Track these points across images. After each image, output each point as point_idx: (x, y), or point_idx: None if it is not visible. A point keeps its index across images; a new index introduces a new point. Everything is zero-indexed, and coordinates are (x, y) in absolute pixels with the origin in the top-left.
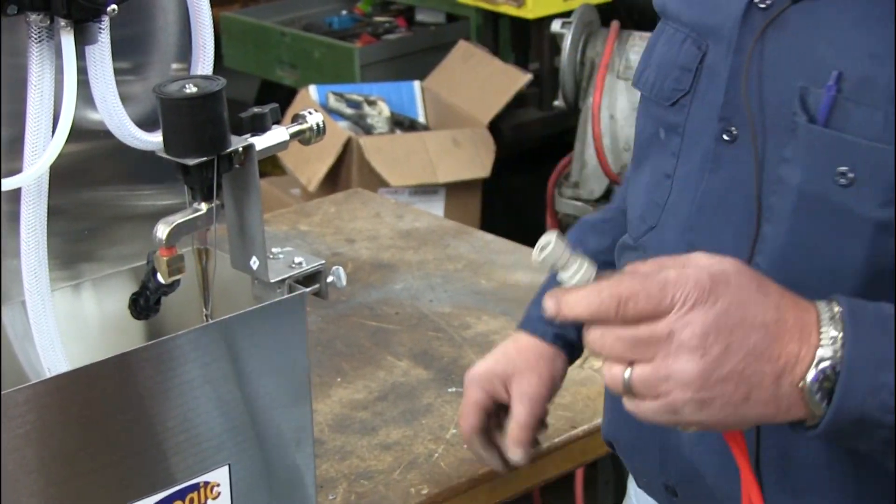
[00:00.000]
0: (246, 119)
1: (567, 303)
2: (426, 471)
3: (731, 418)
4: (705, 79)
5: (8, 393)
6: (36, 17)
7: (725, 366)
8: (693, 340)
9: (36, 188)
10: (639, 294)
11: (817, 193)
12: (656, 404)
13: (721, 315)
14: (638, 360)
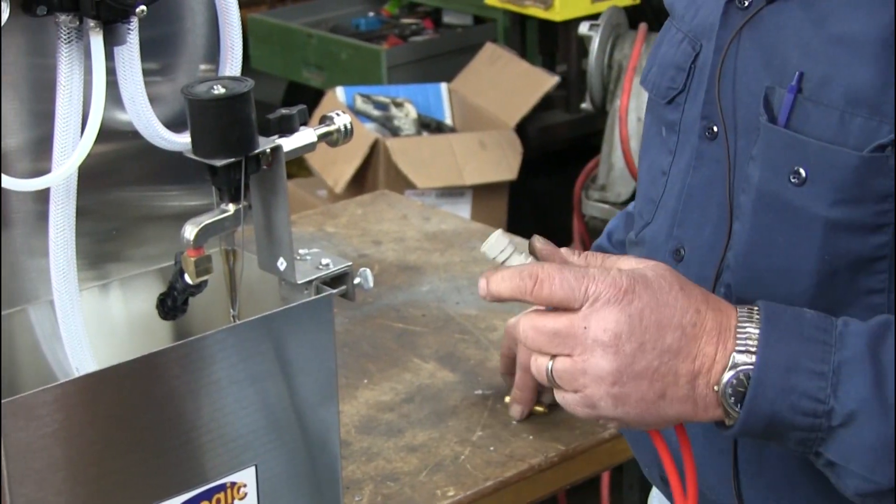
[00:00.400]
0: (274, 120)
1: (494, 280)
2: (452, 473)
3: (649, 415)
4: (696, 78)
5: (36, 392)
6: (65, 18)
7: (639, 363)
8: (606, 336)
9: (64, 188)
10: (555, 279)
11: (773, 192)
12: (577, 397)
13: (635, 314)
14: (558, 354)
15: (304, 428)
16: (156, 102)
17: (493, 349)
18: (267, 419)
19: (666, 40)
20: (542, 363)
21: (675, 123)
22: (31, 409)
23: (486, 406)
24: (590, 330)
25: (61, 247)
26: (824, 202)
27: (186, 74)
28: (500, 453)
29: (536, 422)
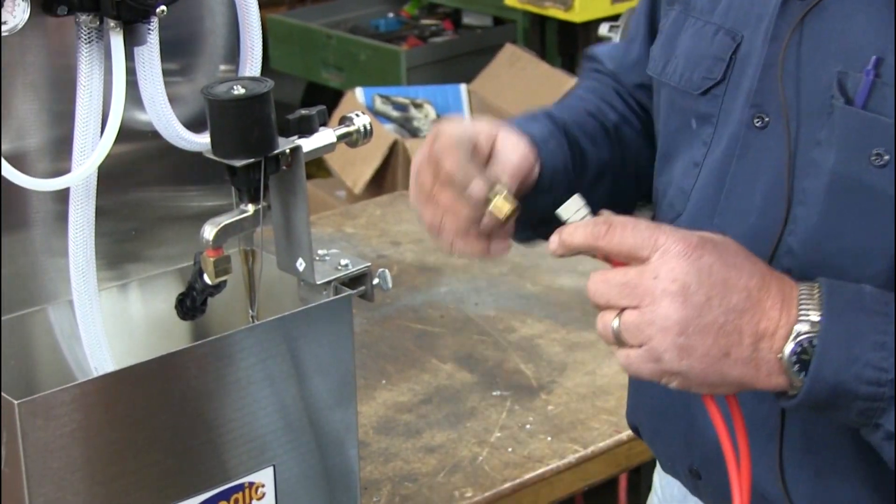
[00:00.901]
0: (293, 121)
1: (566, 231)
2: (470, 474)
3: (712, 373)
4: (738, 68)
5: (55, 392)
6: (86, 18)
7: (706, 316)
8: (674, 286)
9: (84, 188)
10: (627, 226)
11: (851, 174)
12: (641, 352)
13: (704, 269)
14: (626, 307)
15: (322, 428)
16: (175, 103)
17: (511, 350)
18: (285, 419)
19: (688, 34)
20: (608, 319)
21: (710, 115)
22: (50, 408)
23: (504, 407)
24: (659, 280)
25: (81, 247)
26: None
27: (206, 75)
28: (517, 455)
29: (554, 423)
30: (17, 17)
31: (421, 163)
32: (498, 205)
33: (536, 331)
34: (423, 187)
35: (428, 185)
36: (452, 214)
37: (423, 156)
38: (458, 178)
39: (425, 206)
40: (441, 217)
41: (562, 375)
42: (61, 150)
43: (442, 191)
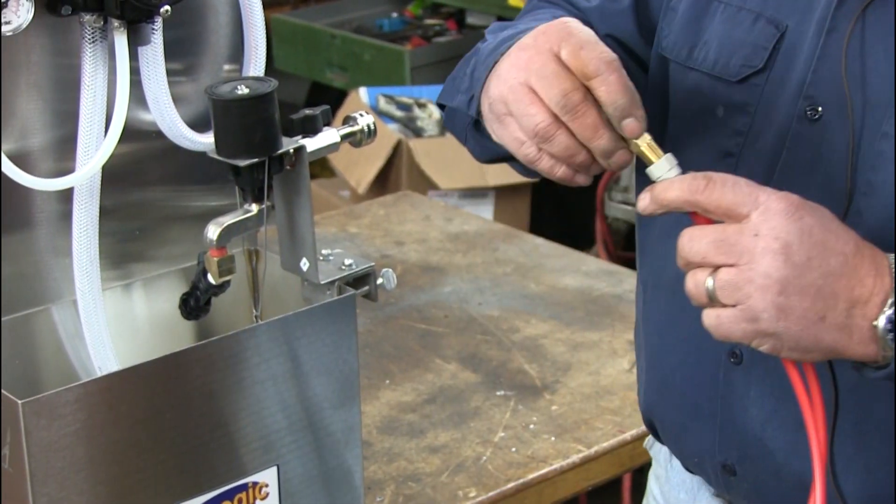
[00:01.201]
0: (297, 121)
1: (660, 186)
2: (474, 474)
3: (806, 336)
4: (783, 58)
5: (59, 391)
6: (90, 18)
7: (805, 277)
8: (777, 244)
9: (88, 188)
10: (727, 180)
11: None
12: (736, 311)
13: (805, 229)
14: (723, 264)
15: (325, 428)
16: (179, 102)
17: (515, 350)
18: (289, 419)
19: (721, 19)
20: (701, 277)
21: (747, 104)
22: (54, 408)
23: (507, 407)
24: (760, 237)
25: (84, 246)
26: None
27: (210, 75)
28: (521, 454)
29: (558, 423)
30: (21, 17)
31: (560, 73)
32: (645, 151)
33: (540, 331)
34: (570, 100)
35: (576, 100)
36: (592, 141)
37: (564, 66)
38: (618, 107)
39: (567, 119)
40: (575, 144)
41: (566, 375)
42: (65, 150)
43: (586, 111)
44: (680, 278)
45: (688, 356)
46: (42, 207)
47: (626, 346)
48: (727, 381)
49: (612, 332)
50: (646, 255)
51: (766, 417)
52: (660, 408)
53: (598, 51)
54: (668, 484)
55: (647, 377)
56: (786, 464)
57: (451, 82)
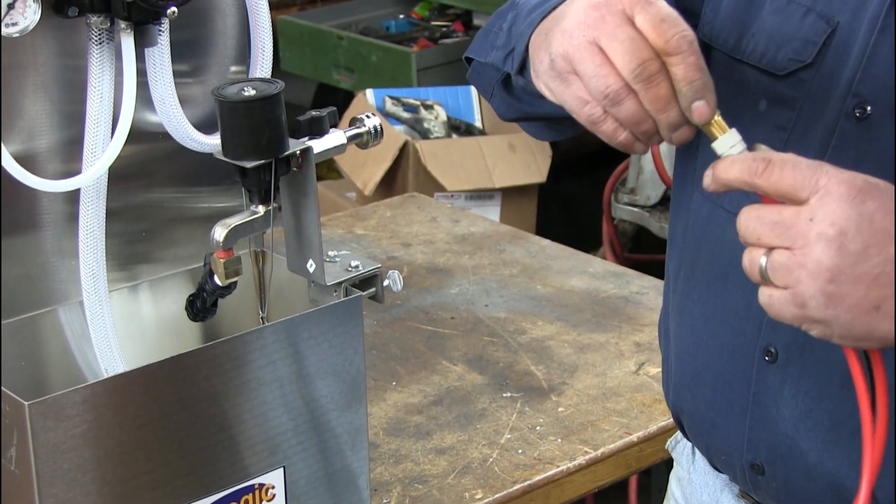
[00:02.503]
0: (304, 122)
1: (722, 165)
2: (480, 476)
3: (858, 325)
4: (833, 54)
5: (65, 393)
6: (96, 20)
7: (861, 266)
8: (832, 231)
9: (94, 190)
10: (787, 163)
11: None
12: (786, 294)
13: (866, 215)
14: (777, 246)
15: (332, 430)
16: (186, 104)
17: (521, 352)
18: (295, 421)
19: (771, 10)
20: (756, 256)
21: (792, 98)
22: (61, 409)
23: (514, 409)
24: (815, 223)
25: (91, 248)
26: None
27: (217, 76)
28: (528, 456)
29: (565, 425)
30: (27, 19)
31: (637, 39)
32: (711, 127)
33: (547, 332)
34: (647, 70)
35: (653, 69)
36: (661, 113)
37: (640, 33)
38: (694, 87)
39: (643, 90)
40: (643, 112)
41: (572, 377)
42: (72, 152)
43: (660, 83)
44: (716, 270)
45: (722, 351)
46: (48, 209)
47: (633, 348)
48: (760, 379)
49: (618, 334)
50: (676, 245)
51: (800, 417)
52: (689, 402)
53: (681, 27)
54: (690, 486)
55: (676, 370)
56: (818, 464)
57: (484, 36)
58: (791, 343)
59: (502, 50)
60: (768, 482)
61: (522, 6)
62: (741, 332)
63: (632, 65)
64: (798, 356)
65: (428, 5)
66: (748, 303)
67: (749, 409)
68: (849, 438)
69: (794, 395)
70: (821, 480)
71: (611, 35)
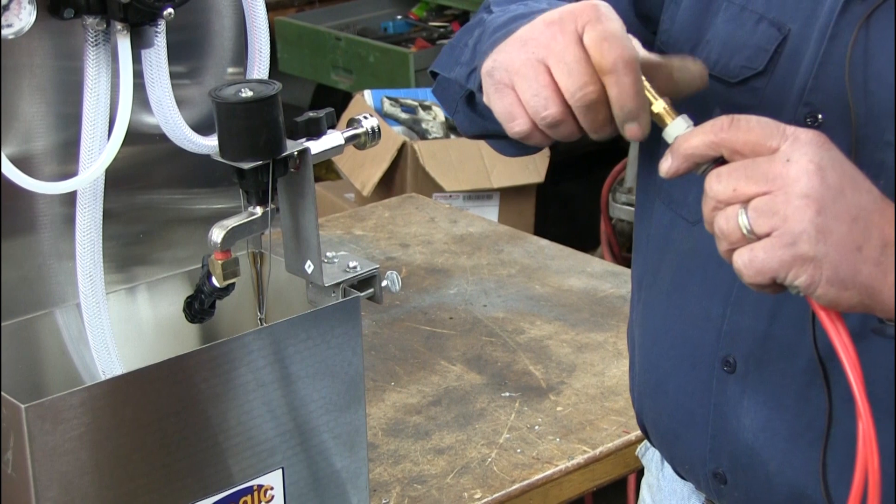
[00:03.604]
0: (301, 123)
1: (681, 139)
2: (479, 476)
3: (845, 264)
4: (785, 62)
5: (63, 395)
6: (92, 21)
7: (840, 202)
8: (812, 166)
9: (91, 191)
10: (752, 118)
11: None
12: (772, 239)
13: (836, 158)
14: (756, 194)
15: (331, 430)
16: (183, 105)
17: (520, 352)
18: (294, 422)
19: (724, 18)
20: (732, 213)
21: (746, 106)
22: (58, 412)
23: (513, 408)
24: (793, 161)
25: (88, 250)
26: None
27: (214, 77)
28: (526, 456)
29: (563, 424)
30: (23, 20)
31: (582, 61)
32: (662, 114)
33: (545, 332)
34: (587, 97)
35: (593, 97)
36: (596, 133)
37: (586, 53)
38: (625, 111)
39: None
40: (577, 131)
41: (570, 376)
42: (68, 153)
43: (599, 109)
44: (676, 280)
45: (682, 362)
46: (45, 211)
47: None
48: (720, 390)
49: (616, 333)
50: (640, 253)
51: (760, 427)
52: (653, 412)
53: (622, 46)
54: (659, 493)
55: (640, 379)
56: (779, 473)
57: (450, 52)
58: (749, 354)
59: (466, 66)
60: (731, 491)
61: (489, 24)
62: (700, 343)
63: (573, 87)
64: (756, 367)
65: (426, 6)
66: (707, 313)
67: (710, 419)
68: (808, 448)
69: (753, 405)
70: (782, 489)
71: (559, 56)
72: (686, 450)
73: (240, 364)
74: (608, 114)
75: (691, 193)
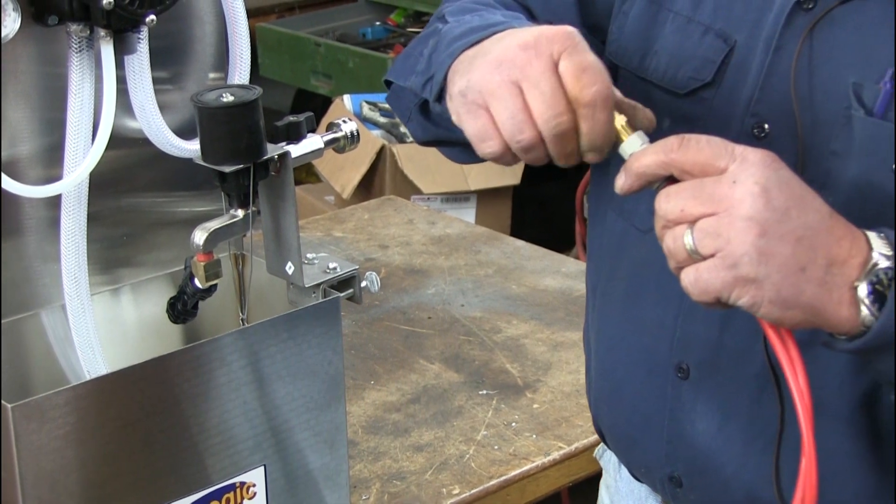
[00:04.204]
0: (281, 127)
1: (634, 157)
2: (457, 472)
3: (787, 286)
4: (732, 73)
5: (48, 395)
6: (76, 28)
7: (786, 224)
8: (757, 188)
9: (75, 195)
10: (701, 138)
11: (874, 183)
12: (716, 260)
13: (784, 179)
14: (702, 215)
15: (312, 428)
16: (166, 110)
17: (497, 350)
18: (276, 420)
19: (671, 29)
20: (679, 232)
21: (695, 117)
22: (44, 411)
23: (490, 406)
24: (739, 183)
25: (72, 252)
26: None
27: (196, 82)
28: (504, 452)
29: (539, 421)
30: (7, 27)
31: (557, 89)
32: (620, 135)
33: (522, 331)
34: (560, 127)
35: (565, 128)
36: (563, 161)
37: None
38: (593, 147)
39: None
40: (546, 157)
41: (546, 374)
42: (53, 158)
43: (570, 139)
44: (629, 288)
45: (637, 368)
46: (31, 214)
47: None
48: (675, 396)
49: None
50: (594, 260)
51: (714, 432)
52: (609, 417)
53: (601, 80)
54: (617, 494)
55: (596, 386)
56: (734, 477)
57: (405, 61)
58: (702, 361)
59: (422, 76)
60: (686, 494)
61: (445, 34)
62: (655, 350)
63: (547, 115)
64: (709, 374)
65: (403, 12)
66: (660, 320)
67: (666, 424)
68: (761, 452)
69: (707, 410)
70: (737, 492)
71: (534, 82)
72: (642, 454)
73: (222, 364)
74: (576, 147)
75: (643, 203)
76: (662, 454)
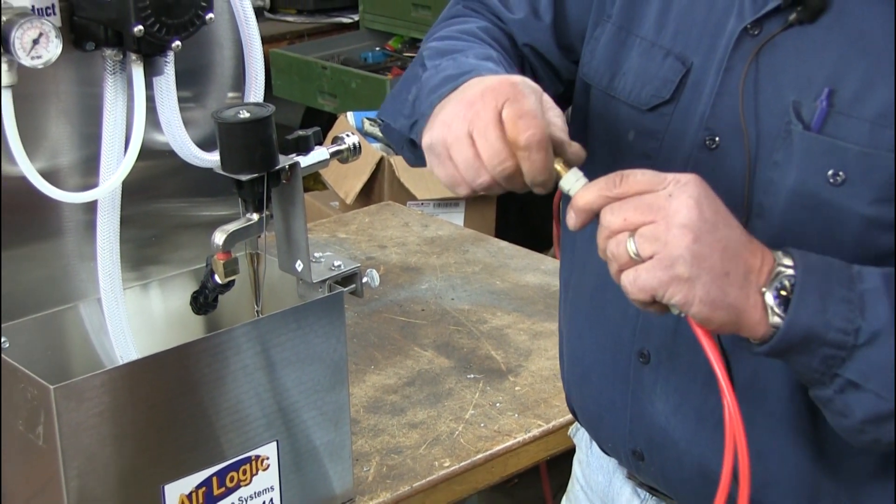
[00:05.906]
0: (292, 140)
1: (579, 195)
2: (448, 447)
3: (715, 289)
4: (688, 91)
5: (86, 378)
6: (111, 52)
7: (713, 233)
8: (691, 200)
9: (110, 200)
10: (638, 172)
11: (810, 192)
12: (653, 261)
13: (712, 197)
14: (643, 223)
15: (318, 408)
16: (189, 125)
17: (483, 339)
18: (286, 401)
19: (637, 53)
20: (622, 238)
21: (656, 131)
22: (82, 392)
23: (477, 388)
24: (674, 197)
25: (107, 251)
26: (863, 201)
27: (216, 101)
28: (489, 429)
29: (521, 402)
30: (50, 52)
31: (500, 139)
32: (558, 168)
33: (505, 322)
34: (505, 170)
35: (510, 170)
36: (517, 190)
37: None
38: (535, 183)
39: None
40: (503, 189)
41: (527, 360)
42: (90, 168)
43: (517, 178)
44: (597, 283)
45: (604, 355)
46: (70, 218)
47: None
48: (637, 378)
49: None
50: (566, 257)
51: (671, 411)
52: (580, 399)
53: (535, 125)
54: (588, 468)
55: (568, 370)
56: (687, 451)
57: (393, 102)
58: (661, 347)
59: (407, 119)
60: (647, 467)
61: (424, 83)
62: (619, 338)
63: (493, 162)
64: (667, 358)
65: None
66: (624, 311)
67: (629, 404)
68: (712, 430)
69: (665, 391)
70: (690, 466)
71: (481, 133)
72: (609, 431)
73: (239, 350)
74: (524, 182)
75: None
76: (626, 431)
